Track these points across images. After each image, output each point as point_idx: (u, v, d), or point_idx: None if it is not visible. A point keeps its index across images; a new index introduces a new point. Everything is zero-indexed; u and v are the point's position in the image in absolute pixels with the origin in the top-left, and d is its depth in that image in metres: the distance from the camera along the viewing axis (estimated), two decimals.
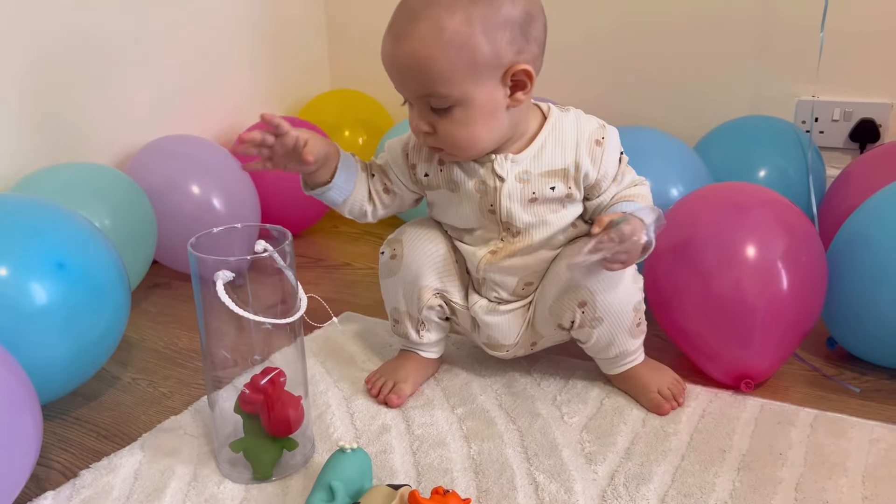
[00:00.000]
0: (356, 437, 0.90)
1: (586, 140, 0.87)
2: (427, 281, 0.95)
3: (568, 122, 0.88)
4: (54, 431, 0.94)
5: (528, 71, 0.80)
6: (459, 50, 0.76)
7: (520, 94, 0.82)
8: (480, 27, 0.76)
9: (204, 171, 1.36)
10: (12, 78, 1.29)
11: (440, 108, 0.80)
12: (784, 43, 1.48)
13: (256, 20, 1.75)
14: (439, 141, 0.83)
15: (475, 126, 0.81)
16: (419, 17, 0.77)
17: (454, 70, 0.77)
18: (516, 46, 0.79)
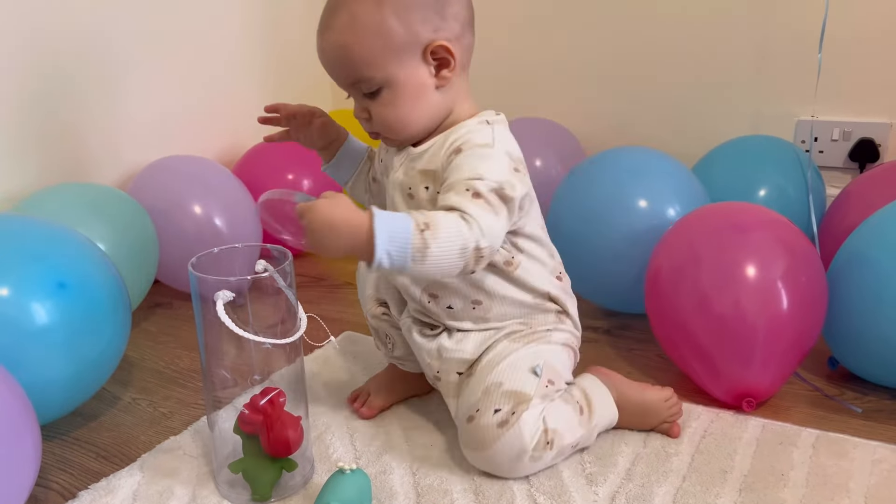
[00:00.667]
0: (356, 458, 0.89)
1: (453, 147, 0.82)
2: (371, 290, 0.99)
3: (465, 130, 0.83)
4: (53, 452, 0.94)
5: (446, 47, 0.81)
6: (374, 34, 0.79)
7: (445, 72, 0.83)
8: (391, 10, 0.79)
9: (206, 191, 1.37)
10: (15, 98, 1.30)
11: (369, 92, 0.83)
12: (783, 63, 1.49)
13: (259, 42, 1.77)
14: (375, 125, 0.85)
15: (403, 106, 0.83)
16: (336, 10, 0.81)
17: (372, 54, 0.80)
18: (431, 24, 0.80)
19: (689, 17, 1.55)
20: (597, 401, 0.89)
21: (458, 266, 0.77)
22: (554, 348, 0.89)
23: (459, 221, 0.76)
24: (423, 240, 0.74)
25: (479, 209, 0.77)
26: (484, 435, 0.82)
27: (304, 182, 1.56)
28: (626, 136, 1.61)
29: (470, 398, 0.85)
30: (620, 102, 1.67)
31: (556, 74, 1.73)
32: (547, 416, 0.83)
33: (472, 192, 0.77)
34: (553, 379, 0.86)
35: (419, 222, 0.75)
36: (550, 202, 1.26)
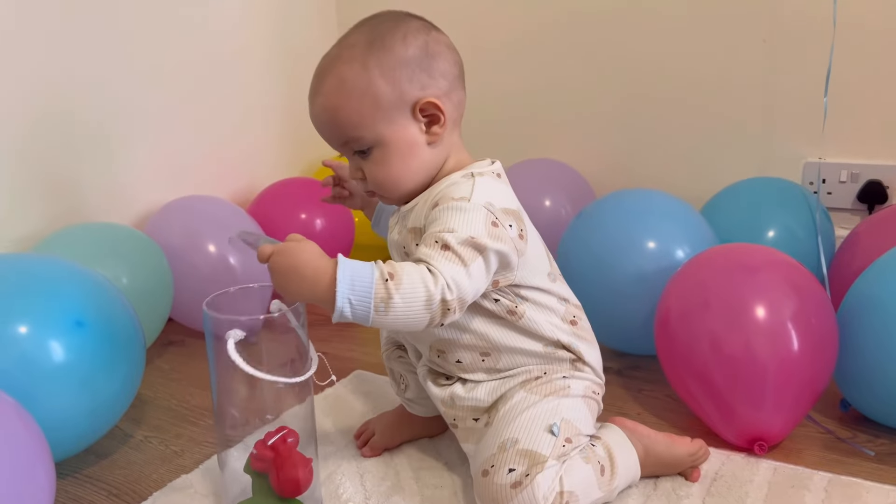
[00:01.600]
0: (365, 498, 0.89)
1: (431, 201, 0.82)
2: (389, 332, 1.00)
3: (447, 184, 0.83)
4: (66, 490, 0.95)
5: (435, 103, 0.82)
6: (362, 95, 0.81)
7: (436, 128, 0.83)
8: (378, 71, 0.81)
9: (220, 230, 1.39)
10: (34, 140, 1.33)
11: (361, 151, 0.84)
12: (790, 106, 1.51)
13: (275, 84, 1.81)
14: (370, 184, 0.86)
15: (394, 164, 0.83)
16: (324, 75, 0.83)
17: (361, 114, 0.81)
18: (418, 83, 0.82)
19: (698, 60, 1.57)
20: (620, 461, 0.85)
21: (423, 318, 0.75)
22: (574, 403, 0.86)
23: (425, 273, 0.75)
24: (386, 290, 0.73)
25: (447, 262, 0.75)
26: (497, 493, 0.79)
27: (316, 221, 1.58)
28: (634, 177, 1.62)
29: (485, 452, 0.83)
30: (629, 144, 1.69)
31: (566, 116, 1.76)
32: (564, 476, 0.80)
33: (440, 245, 0.76)
34: (571, 437, 0.83)
35: (384, 272, 0.74)
36: (559, 243, 1.27)
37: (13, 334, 0.87)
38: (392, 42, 0.81)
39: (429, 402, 0.98)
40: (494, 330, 0.86)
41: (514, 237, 0.81)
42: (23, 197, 1.32)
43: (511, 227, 0.81)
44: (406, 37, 0.82)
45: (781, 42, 1.49)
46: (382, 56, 0.81)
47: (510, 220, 0.82)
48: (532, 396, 0.85)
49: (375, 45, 0.81)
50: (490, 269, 0.79)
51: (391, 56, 0.81)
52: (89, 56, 1.40)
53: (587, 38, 1.69)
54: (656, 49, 1.61)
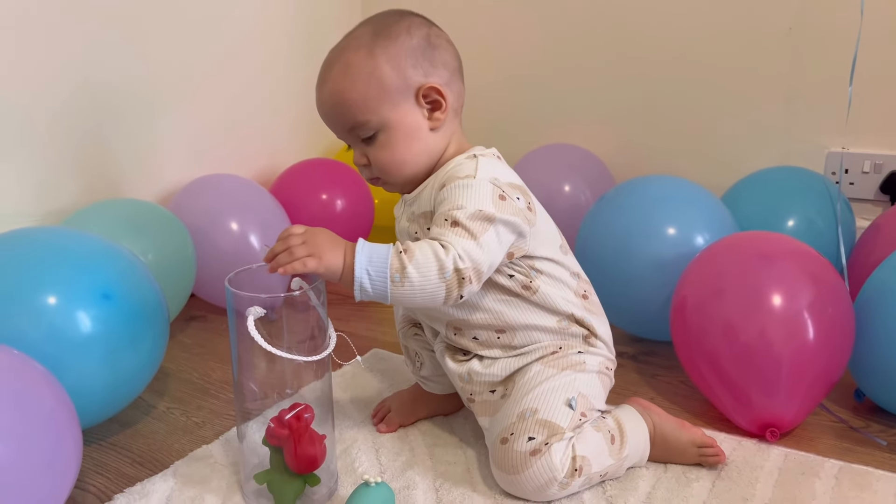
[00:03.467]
0: (381, 472, 0.91)
1: (438, 183, 0.86)
2: (405, 310, 1.02)
3: (451, 166, 0.87)
4: (91, 456, 0.98)
5: (437, 88, 0.85)
6: (368, 79, 0.84)
7: (438, 114, 0.87)
8: (384, 57, 0.84)
9: (243, 209, 1.41)
10: (64, 120, 1.36)
11: (367, 136, 0.86)
12: (814, 95, 1.50)
13: (296, 65, 1.82)
14: (374, 170, 0.89)
15: (398, 147, 0.86)
16: (332, 64, 0.87)
17: (367, 97, 0.84)
18: (422, 70, 0.85)
19: (722, 47, 1.56)
20: (630, 432, 0.88)
21: (440, 289, 0.79)
22: (589, 378, 0.90)
23: (436, 246, 0.79)
24: (400, 261, 0.78)
25: (457, 236, 0.79)
26: (516, 460, 0.83)
27: (337, 202, 1.60)
28: (655, 164, 1.62)
29: (504, 421, 0.86)
30: (651, 131, 1.68)
31: (586, 102, 1.76)
32: (577, 443, 0.84)
33: (450, 222, 0.80)
34: (586, 411, 0.87)
35: (398, 247, 0.80)
36: (579, 228, 1.28)
37: (43, 306, 0.90)
38: (397, 32, 0.85)
39: (444, 380, 1.00)
40: (508, 308, 0.88)
41: (522, 208, 0.85)
42: (53, 174, 1.34)
43: (518, 199, 0.85)
44: (410, 28, 0.86)
45: (807, 30, 1.48)
46: (388, 44, 0.85)
47: (517, 193, 0.85)
48: (549, 370, 0.88)
49: (381, 34, 0.85)
50: (502, 240, 0.82)
51: (396, 44, 0.85)
52: (120, 37, 1.42)
53: (609, 23, 1.68)
54: (680, 35, 1.60)
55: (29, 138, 1.31)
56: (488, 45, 1.83)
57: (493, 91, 1.83)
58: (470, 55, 1.83)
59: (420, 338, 1.01)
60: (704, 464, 0.91)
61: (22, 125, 1.29)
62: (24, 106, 1.29)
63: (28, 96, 1.30)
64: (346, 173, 1.66)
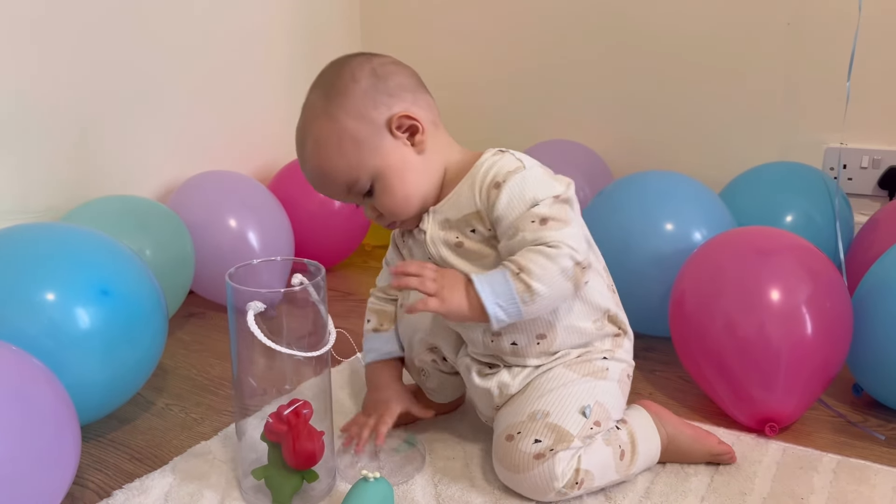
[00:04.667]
0: (378, 468, 0.91)
1: (488, 182, 0.84)
2: (422, 335, 0.96)
3: (488, 164, 0.85)
4: (90, 452, 0.98)
5: (406, 115, 0.84)
6: (339, 143, 0.84)
7: (419, 137, 0.86)
8: (342, 115, 0.84)
9: (242, 205, 1.41)
10: (63, 115, 1.36)
11: (365, 191, 0.86)
12: (812, 91, 1.50)
13: (295, 61, 1.82)
14: (385, 217, 0.88)
15: (397, 188, 0.85)
16: (303, 141, 0.87)
17: (348, 159, 0.84)
18: (383, 105, 0.84)
19: (720, 42, 1.56)
20: (642, 447, 0.87)
21: (568, 288, 0.80)
22: (609, 387, 0.87)
23: (545, 251, 0.79)
24: (522, 282, 0.78)
25: (554, 230, 0.80)
26: (518, 460, 0.82)
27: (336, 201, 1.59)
28: (654, 160, 1.62)
29: (513, 417, 0.85)
30: (649, 126, 1.68)
31: (585, 98, 1.76)
32: (583, 455, 0.82)
33: (539, 220, 0.80)
34: (601, 420, 0.84)
35: (511, 269, 0.79)
36: None
37: (41, 302, 0.90)
38: (343, 85, 0.84)
39: (447, 390, 1.00)
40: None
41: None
42: (51, 170, 1.34)
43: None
44: (353, 73, 0.85)
45: (805, 25, 1.48)
46: (342, 101, 0.84)
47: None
48: (570, 373, 0.86)
49: (331, 94, 0.85)
50: (577, 212, 0.85)
51: (348, 97, 0.84)
52: (119, 33, 1.42)
53: (606, 18, 1.68)
54: (678, 30, 1.60)
55: (27, 134, 1.31)
56: (486, 42, 1.82)
57: (491, 88, 1.83)
58: (467, 52, 1.84)
59: (434, 361, 0.97)
60: (714, 462, 0.90)
61: (20, 121, 1.29)
62: (23, 102, 1.29)
63: (26, 92, 1.29)
64: None
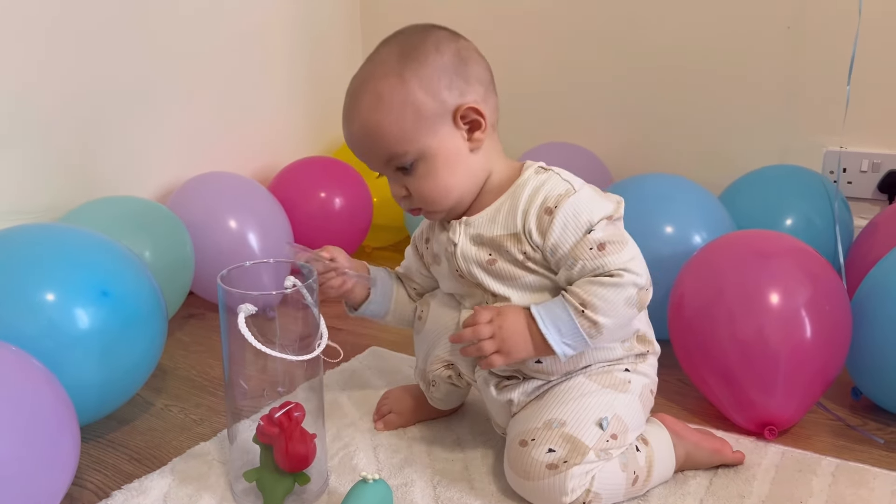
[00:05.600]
0: (378, 469, 0.91)
1: (538, 205, 0.81)
2: (440, 351, 0.94)
3: (532, 185, 0.83)
4: (89, 453, 0.98)
5: (476, 108, 0.81)
6: (401, 109, 0.79)
7: (478, 134, 0.82)
8: (415, 82, 0.79)
9: (241, 207, 1.41)
10: (63, 116, 1.36)
11: (405, 166, 0.82)
12: (812, 94, 1.50)
13: (295, 63, 1.82)
14: (414, 201, 0.85)
15: (441, 176, 0.82)
16: (359, 94, 0.82)
17: (403, 128, 0.80)
18: (457, 89, 0.81)
19: (721, 46, 1.57)
20: (657, 473, 0.85)
21: (633, 313, 0.80)
22: (630, 400, 0.85)
23: (607, 282, 0.78)
24: (588, 319, 0.78)
25: (614, 256, 0.79)
26: (531, 468, 0.80)
27: (335, 200, 1.60)
28: (653, 163, 1.62)
29: (528, 423, 0.83)
30: (649, 129, 1.69)
31: (585, 100, 1.76)
32: (596, 476, 0.80)
33: (596, 247, 0.79)
34: (618, 434, 0.82)
35: (575, 306, 0.78)
36: None
37: (41, 302, 0.90)
38: (425, 52, 0.80)
39: (452, 400, 0.99)
40: None
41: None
42: (51, 170, 1.34)
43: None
44: (439, 45, 0.81)
45: (805, 29, 1.48)
46: (418, 67, 0.80)
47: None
48: (590, 384, 0.84)
49: (409, 56, 0.80)
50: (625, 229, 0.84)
51: (427, 66, 0.80)
52: (119, 34, 1.42)
53: (607, 21, 1.68)
54: (678, 33, 1.61)
55: (27, 135, 1.31)
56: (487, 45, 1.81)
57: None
58: None
59: (450, 377, 0.95)
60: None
61: (20, 121, 1.29)
62: (22, 102, 1.29)
63: (26, 93, 1.30)
64: (345, 172, 1.66)
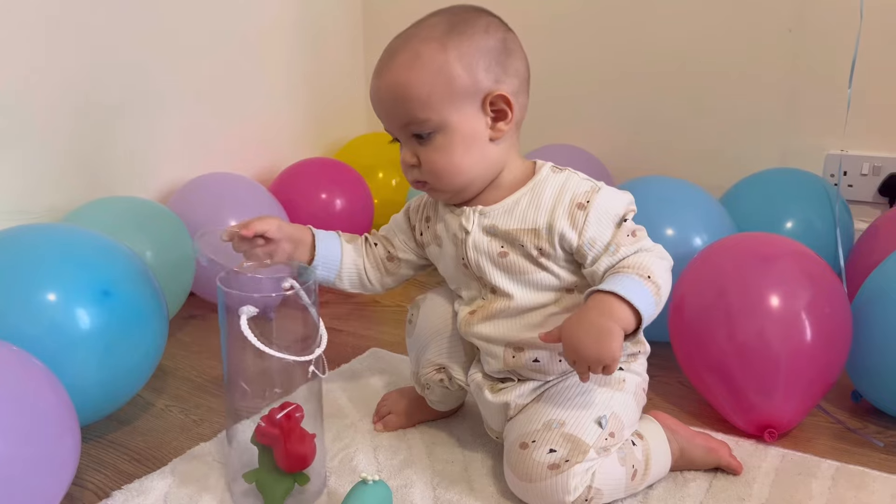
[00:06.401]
0: (378, 471, 0.91)
1: (567, 202, 0.82)
2: (430, 355, 0.94)
3: (553, 183, 0.84)
4: (89, 453, 0.98)
5: (507, 97, 0.81)
6: (436, 74, 0.79)
7: (501, 125, 0.82)
8: (456, 53, 0.79)
9: (242, 207, 1.41)
10: (65, 116, 1.36)
11: (422, 134, 0.81)
12: (813, 97, 1.50)
13: (297, 64, 1.83)
14: (423, 173, 0.84)
15: (455, 153, 0.81)
16: (398, 50, 0.81)
17: (431, 93, 0.79)
18: (493, 75, 0.81)
19: (722, 48, 1.57)
20: (654, 467, 0.85)
21: (670, 289, 0.82)
22: (626, 399, 0.85)
23: (650, 254, 0.82)
24: (653, 283, 0.79)
25: (645, 240, 0.83)
26: (532, 470, 0.80)
27: (336, 201, 1.60)
28: (655, 165, 1.62)
29: (528, 425, 0.83)
30: (650, 131, 1.69)
31: (586, 103, 1.76)
32: (597, 472, 0.80)
33: (630, 234, 0.83)
34: (615, 432, 0.83)
35: (640, 275, 0.79)
36: None
37: (42, 302, 0.90)
38: (474, 29, 0.80)
39: (450, 401, 0.99)
40: None
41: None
42: (53, 171, 1.35)
43: None
44: (488, 27, 0.81)
45: (807, 32, 1.48)
46: (462, 40, 0.80)
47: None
48: (587, 383, 0.84)
49: (457, 29, 0.80)
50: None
51: (471, 42, 0.80)
52: (118, 33, 1.42)
53: (609, 24, 1.68)
54: (679, 36, 1.61)
55: (28, 135, 1.31)
56: None
57: None
58: None
59: (441, 381, 0.95)
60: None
61: (21, 122, 1.29)
62: (24, 102, 1.29)
63: (27, 93, 1.30)
64: (346, 173, 1.66)
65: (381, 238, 0.98)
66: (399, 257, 0.96)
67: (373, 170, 1.77)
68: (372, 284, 0.97)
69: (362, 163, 1.74)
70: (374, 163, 1.78)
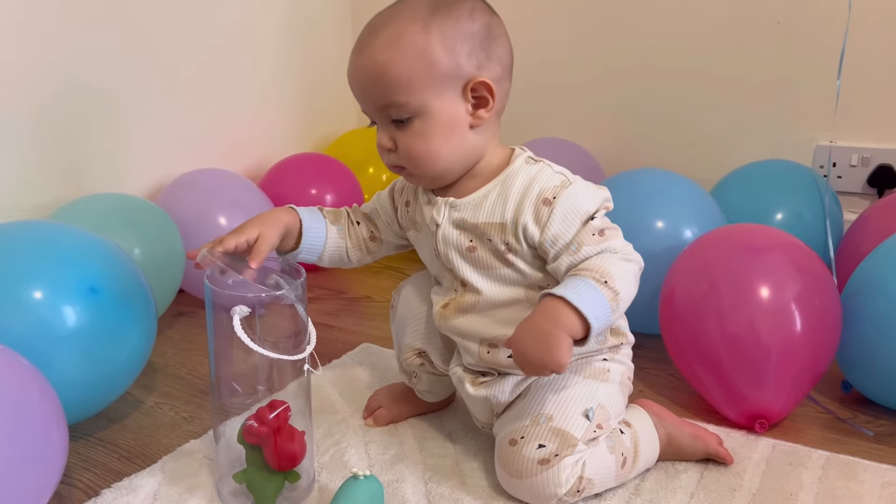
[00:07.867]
0: (370, 466, 0.91)
1: (534, 196, 0.80)
2: (409, 339, 0.95)
3: (523, 175, 0.82)
4: (78, 451, 0.97)
5: (488, 84, 0.79)
6: (417, 57, 0.76)
7: (482, 112, 0.80)
8: (438, 36, 0.77)
9: (231, 204, 1.41)
10: (53, 112, 1.35)
11: (400, 119, 0.79)
12: (802, 89, 1.50)
13: (286, 59, 1.82)
14: (400, 157, 0.81)
15: (434, 139, 0.79)
16: (378, 29, 0.79)
17: (412, 76, 0.77)
18: (476, 60, 0.78)
19: (711, 41, 1.57)
20: (643, 454, 0.86)
21: (634, 293, 0.80)
22: (611, 389, 0.85)
23: (616, 256, 0.79)
24: (610, 289, 0.76)
25: (613, 239, 0.80)
26: (522, 466, 0.80)
27: (326, 197, 1.59)
28: (645, 158, 1.62)
29: (516, 421, 0.83)
30: (640, 124, 1.69)
31: (576, 96, 1.76)
32: (586, 462, 0.80)
33: (597, 234, 0.80)
34: (603, 423, 0.83)
35: (596, 278, 0.76)
36: None
37: (29, 300, 0.89)
38: (458, 13, 0.78)
39: (439, 390, 0.99)
40: None
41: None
42: (40, 168, 1.33)
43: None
44: (473, 11, 0.79)
45: (795, 24, 1.48)
46: (447, 23, 0.77)
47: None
48: (571, 376, 0.85)
49: (440, 11, 0.78)
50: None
51: (455, 26, 0.78)
52: (105, 30, 1.41)
53: (599, 16, 1.68)
54: (668, 28, 1.61)
55: (16, 132, 1.30)
56: None
57: None
58: None
59: (423, 367, 0.96)
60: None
61: (8, 118, 1.28)
62: (11, 99, 1.28)
63: (14, 90, 1.29)
64: (336, 168, 1.66)
65: (365, 218, 0.96)
66: (381, 238, 0.96)
67: (363, 165, 1.76)
68: (351, 262, 0.96)
69: (352, 158, 1.74)
70: (364, 158, 1.78)
